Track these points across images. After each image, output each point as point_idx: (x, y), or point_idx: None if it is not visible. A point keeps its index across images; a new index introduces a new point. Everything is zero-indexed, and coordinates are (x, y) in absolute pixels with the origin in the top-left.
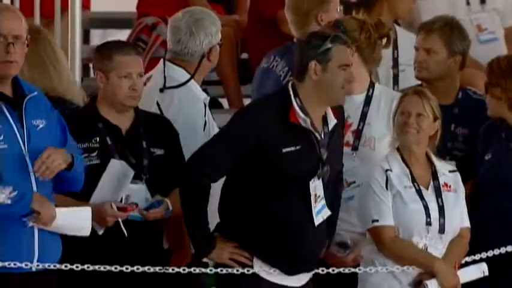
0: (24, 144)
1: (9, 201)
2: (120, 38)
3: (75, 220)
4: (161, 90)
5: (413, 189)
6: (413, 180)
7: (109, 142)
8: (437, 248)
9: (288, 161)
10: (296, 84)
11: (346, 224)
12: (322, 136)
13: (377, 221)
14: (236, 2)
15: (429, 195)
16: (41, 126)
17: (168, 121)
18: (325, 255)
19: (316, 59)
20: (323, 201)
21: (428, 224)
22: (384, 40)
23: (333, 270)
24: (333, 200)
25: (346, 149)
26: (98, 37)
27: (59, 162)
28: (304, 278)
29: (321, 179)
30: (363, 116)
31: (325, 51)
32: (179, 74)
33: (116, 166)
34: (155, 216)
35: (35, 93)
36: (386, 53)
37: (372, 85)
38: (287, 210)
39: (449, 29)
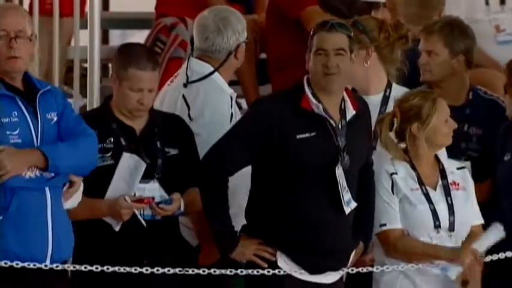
0: (36, 139)
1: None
2: (139, 38)
3: None
4: (185, 85)
5: (420, 192)
6: (420, 182)
7: (123, 143)
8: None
9: (303, 147)
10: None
11: None
12: (339, 125)
13: (385, 225)
14: (255, 1)
15: (437, 195)
16: (54, 119)
17: (182, 120)
18: None
19: (309, 49)
20: (349, 194)
21: (438, 226)
22: (403, 41)
23: (352, 270)
24: (362, 196)
25: None
26: (117, 37)
27: (6, 171)
28: (331, 276)
29: (342, 168)
30: None
31: (310, 39)
32: (206, 69)
33: (127, 159)
34: (165, 212)
35: (48, 87)
36: None
37: (389, 85)
38: (309, 201)
39: (449, 29)
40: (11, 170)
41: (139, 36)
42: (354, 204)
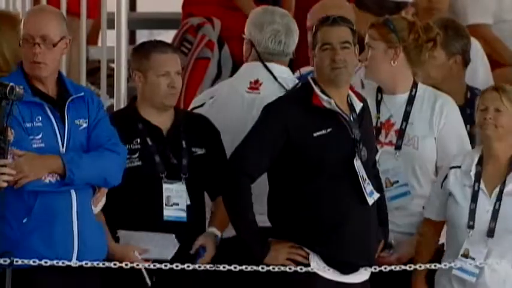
0: (62, 144)
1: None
2: (166, 38)
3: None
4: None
5: (471, 190)
6: (478, 179)
7: (149, 143)
8: (481, 251)
9: (322, 144)
10: None
11: (390, 224)
12: (351, 118)
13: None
14: (281, 1)
15: (487, 197)
16: (84, 125)
17: (208, 120)
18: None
19: (312, 45)
20: (370, 186)
21: (471, 227)
22: (431, 44)
23: (385, 268)
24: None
25: (389, 148)
26: (144, 38)
27: (25, 175)
28: (360, 275)
29: (360, 160)
30: (406, 116)
31: (313, 36)
32: (288, 73)
33: (168, 240)
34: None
35: (82, 93)
36: None
37: (415, 85)
38: (332, 197)
39: (443, 31)
40: (29, 174)
41: (166, 36)
42: (376, 195)
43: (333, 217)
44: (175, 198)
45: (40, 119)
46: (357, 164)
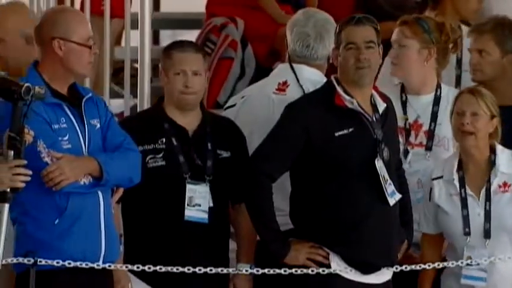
0: (84, 144)
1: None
2: (189, 38)
3: None
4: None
5: (459, 197)
6: (463, 185)
7: (175, 143)
8: (483, 254)
9: (343, 144)
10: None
11: (418, 225)
12: (374, 118)
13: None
14: (304, 2)
15: (475, 200)
16: (98, 126)
17: (234, 124)
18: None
19: (336, 45)
20: (391, 187)
21: (467, 234)
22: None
23: (406, 268)
24: (401, 193)
25: (420, 150)
26: (168, 38)
27: (66, 177)
28: (382, 275)
29: (382, 161)
30: (434, 116)
31: (337, 35)
32: (316, 75)
33: None
34: None
35: (90, 94)
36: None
37: (439, 85)
38: (353, 197)
39: (500, 29)
40: (70, 176)
41: (189, 37)
42: (398, 196)
43: (353, 217)
44: (198, 199)
45: (64, 120)
46: (379, 164)
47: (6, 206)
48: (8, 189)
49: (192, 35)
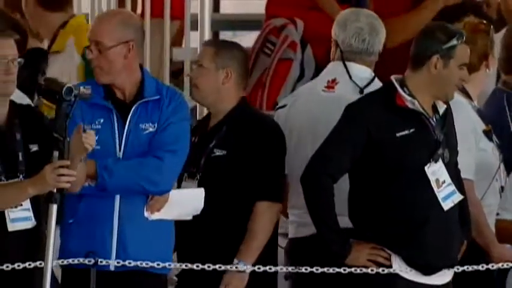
0: (119, 147)
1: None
2: (249, 39)
3: (188, 200)
4: (361, 91)
5: None
6: None
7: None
8: None
9: (405, 144)
10: (407, 73)
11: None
12: (434, 119)
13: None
14: (364, 2)
15: None
16: (150, 130)
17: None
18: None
19: (440, 54)
20: (451, 187)
21: None
22: None
23: (468, 268)
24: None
25: None
26: (227, 39)
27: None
28: (443, 276)
29: (441, 162)
30: None
31: (450, 48)
32: (368, 73)
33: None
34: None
35: (157, 97)
36: None
37: None
38: (414, 198)
39: None
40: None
41: (249, 38)
42: (457, 197)
43: (416, 218)
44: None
45: (101, 121)
46: (429, 169)
47: (55, 206)
48: (55, 190)
49: (251, 36)
